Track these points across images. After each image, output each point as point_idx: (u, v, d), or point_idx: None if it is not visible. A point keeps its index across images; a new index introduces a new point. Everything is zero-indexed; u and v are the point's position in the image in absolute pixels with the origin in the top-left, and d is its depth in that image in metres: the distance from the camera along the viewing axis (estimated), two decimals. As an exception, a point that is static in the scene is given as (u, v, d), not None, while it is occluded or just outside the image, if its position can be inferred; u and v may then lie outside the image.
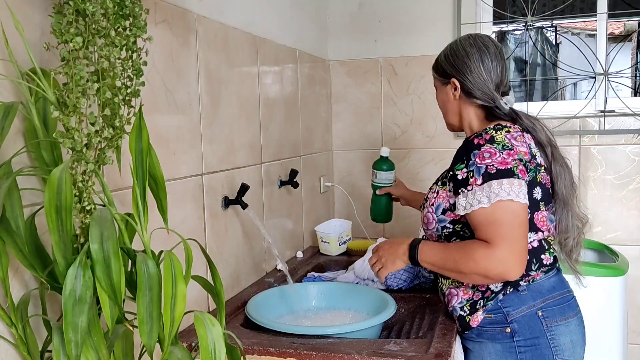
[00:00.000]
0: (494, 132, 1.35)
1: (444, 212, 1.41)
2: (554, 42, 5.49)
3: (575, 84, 4.48)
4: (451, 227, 1.40)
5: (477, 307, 1.38)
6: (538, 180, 1.36)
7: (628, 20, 5.60)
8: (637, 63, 4.76)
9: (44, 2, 0.98)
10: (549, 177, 1.41)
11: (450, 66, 1.45)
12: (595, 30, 2.49)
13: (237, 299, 1.62)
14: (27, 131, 0.93)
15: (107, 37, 0.87)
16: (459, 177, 1.33)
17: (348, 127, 2.67)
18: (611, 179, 2.40)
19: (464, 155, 1.36)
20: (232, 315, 1.54)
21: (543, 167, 1.39)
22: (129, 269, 0.93)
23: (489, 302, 1.37)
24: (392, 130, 2.60)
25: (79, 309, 0.77)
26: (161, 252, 0.92)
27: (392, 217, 2.06)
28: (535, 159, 1.37)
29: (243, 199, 1.63)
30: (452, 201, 1.38)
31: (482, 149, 1.32)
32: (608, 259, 2.20)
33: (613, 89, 2.41)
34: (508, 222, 1.26)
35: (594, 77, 2.43)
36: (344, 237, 2.24)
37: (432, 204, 1.44)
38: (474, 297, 1.39)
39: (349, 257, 2.15)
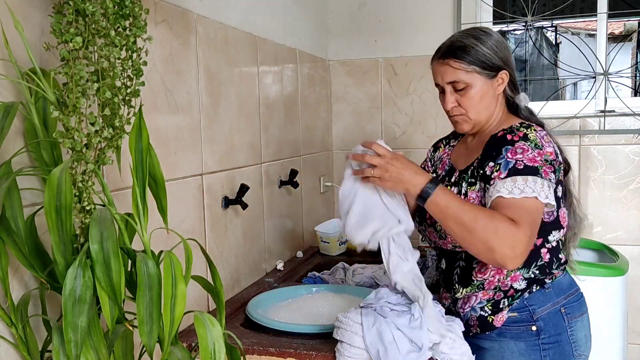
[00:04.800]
0: (525, 129, 1.32)
1: None
2: (554, 42, 5.50)
3: (575, 84, 4.48)
4: None
5: (501, 306, 1.35)
6: (559, 178, 1.35)
7: (628, 20, 5.60)
8: (637, 63, 4.76)
9: (44, 2, 0.98)
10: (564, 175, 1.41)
11: (498, 58, 1.39)
12: (595, 30, 2.49)
13: (237, 299, 1.62)
14: (27, 131, 0.93)
15: (107, 37, 0.88)
16: (487, 172, 1.30)
17: (348, 127, 2.67)
18: (611, 179, 2.40)
19: (493, 151, 1.32)
20: (232, 315, 1.54)
21: (563, 165, 1.38)
22: (129, 269, 0.93)
23: (515, 301, 1.34)
24: (392, 130, 2.60)
25: (79, 309, 0.77)
26: (161, 252, 0.92)
27: None
28: (558, 157, 1.34)
29: (243, 199, 1.63)
30: (483, 201, 1.33)
31: (515, 145, 1.29)
32: (608, 259, 2.20)
33: (613, 89, 2.41)
34: (532, 214, 1.23)
35: (594, 77, 2.43)
36: (344, 237, 2.23)
37: None
38: (495, 297, 1.36)
39: (349, 257, 2.15)
